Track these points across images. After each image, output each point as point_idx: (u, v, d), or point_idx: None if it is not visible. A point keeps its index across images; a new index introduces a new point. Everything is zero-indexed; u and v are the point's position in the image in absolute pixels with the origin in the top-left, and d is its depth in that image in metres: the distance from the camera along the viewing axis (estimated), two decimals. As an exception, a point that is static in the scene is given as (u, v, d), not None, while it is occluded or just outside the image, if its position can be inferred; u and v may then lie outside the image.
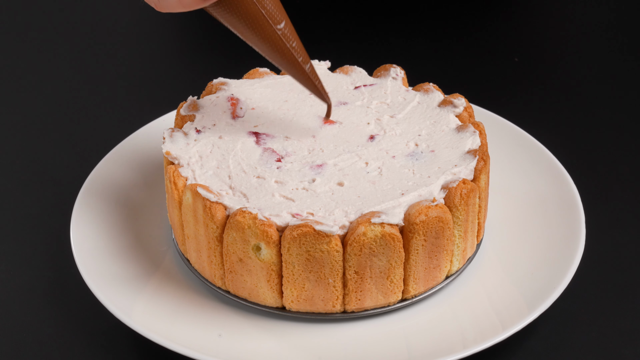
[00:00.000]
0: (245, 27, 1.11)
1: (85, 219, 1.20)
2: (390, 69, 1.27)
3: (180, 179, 1.12)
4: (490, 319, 1.10)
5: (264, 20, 1.11)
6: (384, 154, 1.16)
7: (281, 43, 1.13)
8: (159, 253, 1.19)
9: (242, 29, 1.12)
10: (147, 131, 1.33)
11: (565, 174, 1.25)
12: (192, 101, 1.22)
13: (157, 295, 1.13)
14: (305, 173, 1.13)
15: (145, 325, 1.08)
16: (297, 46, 1.14)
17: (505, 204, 1.24)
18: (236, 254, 1.09)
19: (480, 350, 1.06)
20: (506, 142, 1.31)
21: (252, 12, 1.10)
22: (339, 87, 1.26)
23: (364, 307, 1.10)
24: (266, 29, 1.12)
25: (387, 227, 1.06)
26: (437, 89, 1.24)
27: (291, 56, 1.14)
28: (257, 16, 1.11)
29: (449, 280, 1.14)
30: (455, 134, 1.18)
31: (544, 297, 1.10)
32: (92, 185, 1.25)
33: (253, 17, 1.11)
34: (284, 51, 1.13)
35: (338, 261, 1.07)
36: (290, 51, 1.14)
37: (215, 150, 1.16)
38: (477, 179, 1.13)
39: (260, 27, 1.12)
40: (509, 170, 1.27)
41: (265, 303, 1.11)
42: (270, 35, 1.12)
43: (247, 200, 1.10)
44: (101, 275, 1.14)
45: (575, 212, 1.19)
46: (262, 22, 1.11)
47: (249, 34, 1.12)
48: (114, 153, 1.29)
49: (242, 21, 1.11)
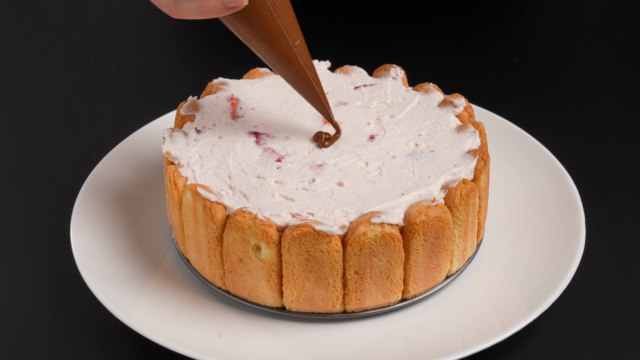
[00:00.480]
0: (261, 40, 1.10)
1: (85, 219, 1.20)
2: (390, 69, 1.27)
3: (180, 179, 1.12)
4: (490, 319, 1.10)
5: (281, 36, 1.10)
6: (384, 154, 1.16)
7: (295, 60, 1.12)
8: (159, 253, 1.19)
9: (257, 42, 1.10)
10: (147, 131, 1.33)
11: (565, 174, 1.25)
12: (192, 101, 1.22)
13: (157, 295, 1.13)
14: (305, 173, 1.13)
15: (145, 325, 1.08)
16: (309, 65, 1.13)
17: (505, 204, 1.24)
18: (236, 254, 1.09)
19: (480, 350, 1.06)
20: (506, 142, 1.31)
21: (272, 26, 1.09)
22: (339, 87, 1.26)
23: (364, 307, 1.10)
24: (283, 45, 1.11)
25: (387, 227, 1.06)
26: (437, 89, 1.24)
27: (303, 74, 1.13)
28: (275, 31, 1.10)
29: (449, 280, 1.14)
30: (455, 134, 1.18)
31: (544, 297, 1.10)
32: (92, 185, 1.25)
33: (272, 31, 1.10)
34: (297, 68, 1.13)
35: (338, 261, 1.07)
36: (304, 69, 1.13)
37: (215, 150, 1.16)
38: (477, 179, 1.13)
39: (277, 42, 1.10)
40: (509, 170, 1.27)
41: (265, 303, 1.11)
42: (285, 52, 1.11)
43: (247, 200, 1.10)
44: (101, 275, 1.14)
45: (575, 212, 1.19)
46: (279, 38, 1.10)
47: (263, 47, 1.11)
48: (114, 153, 1.29)
49: (260, 35, 1.09)
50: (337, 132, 1.18)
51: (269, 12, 1.09)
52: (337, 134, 1.18)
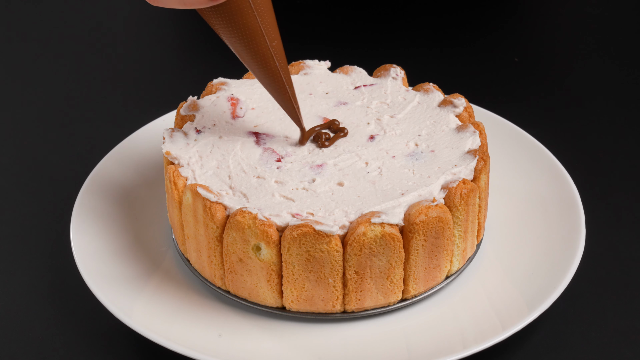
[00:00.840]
0: (239, 37, 1.09)
1: (85, 219, 1.20)
2: (390, 69, 1.27)
3: (180, 179, 1.12)
4: (490, 319, 1.10)
5: (260, 35, 1.09)
6: (384, 154, 1.16)
7: (272, 61, 1.11)
8: (159, 253, 1.19)
9: (234, 38, 1.09)
10: (147, 131, 1.33)
11: (565, 174, 1.25)
12: (192, 101, 1.22)
13: (157, 295, 1.13)
14: (305, 173, 1.13)
15: (145, 325, 1.08)
16: (284, 66, 1.13)
17: (505, 204, 1.24)
18: (236, 254, 1.09)
19: (480, 350, 1.06)
20: (506, 142, 1.31)
21: (251, 25, 1.09)
22: (339, 87, 1.26)
23: (364, 307, 1.10)
24: (260, 44, 1.10)
25: (387, 227, 1.06)
26: (437, 89, 1.24)
27: (278, 75, 1.13)
28: (254, 29, 1.09)
29: (449, 280, 1.14)
30: (455, 134, 1.18)
31: (544, 297, 1.10)
32: (92, 185, 1.25)
33: (250, 29, 1.09)
34: (272, 69, 1.12)
35: (338, 261, 1.07)
36: (279, 70, 1.13)
37: (215, 150, 1.16)
38: (477, 179, 1.13)
39: (255, 41, 1.09)
40: (509, 170, 1.27)
41: (265, 303, 1.11)
42: (262, 51, 1.10)
43: (247, 200, 1.10)
44: (101, 275, 1.14)
45: (575, 212, 1.19)
46: (257, 37, 1.09)
47: (240, 45, 1.10)
48: (114, 153, 1.29)
49: (238, 32, 1.09)
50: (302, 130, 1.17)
51: (250, 9, 1.08)
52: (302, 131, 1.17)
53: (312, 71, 1.28)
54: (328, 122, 1.18)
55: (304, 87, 1.25)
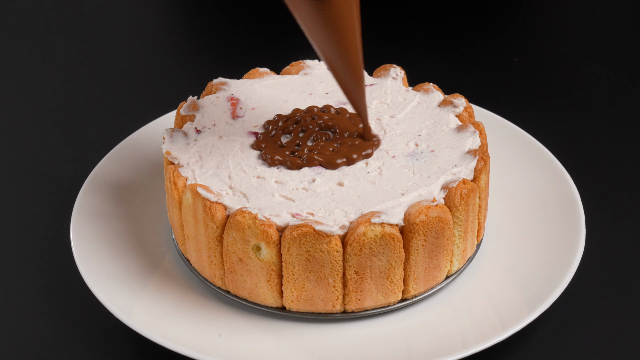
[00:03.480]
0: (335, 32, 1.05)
1: (85, 219, 1.20)
2: (390, 69, 1.27)
3: (180, 179, 1.12)
4: (490, 319, 1.10)
5: (357, 29, 1.06)
6: (384, 154, 1.16)
7: (358, 55, 1.08)
8: (159, 253, 1.19)
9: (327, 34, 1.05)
10: (147, 131, 1.33)
11: (565, 174, 1.25)
12: (192, 101, 1.22)
13: (157, 295, 1.13)
14: (305, 173, 1.13)
15: (145, 325, 1.08)
16: (362, 61, 1.11)
17: (505, 204, 1.24)
18: (236, 254, 1.09)
19: (480, 350, 1.06)
20: (506, 142, 1.31)
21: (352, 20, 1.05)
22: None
23: (364, 307, 1.10)
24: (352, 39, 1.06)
25: (387, 227, 1.06)
26: (437, 89, 1.24)
27: (360, 69, 1.10)
28: (353, 24, 1.06)
29: (449, 280, 1.14)
30: (455, 134, 1.18)
31: (544, 297, 1.10)
32: (92, 185, 1.25)
33: (348, 22, 1.05)
34: (357, 63, 1.09)
35: (338, 261, 1.07)
36: (362, 64, 1.10)
37: (215, 150, 1.16)
38: (477, 179, 1.13)
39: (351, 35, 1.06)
40: (509, 170, 1.27)
41: (265, 303, 1.11)
42: (353, 44, 1.07)
43: (247, 200, 1.10)
44: (101, 275, 1.14)
45: (575, 212, 1.19)
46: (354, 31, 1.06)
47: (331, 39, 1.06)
48: (114, 153, 1.29)
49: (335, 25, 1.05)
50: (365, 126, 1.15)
51: (357, 13, 1.06)
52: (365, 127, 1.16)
53: (312, 71, 1.28)
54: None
55: (304, 87, 1.25)
